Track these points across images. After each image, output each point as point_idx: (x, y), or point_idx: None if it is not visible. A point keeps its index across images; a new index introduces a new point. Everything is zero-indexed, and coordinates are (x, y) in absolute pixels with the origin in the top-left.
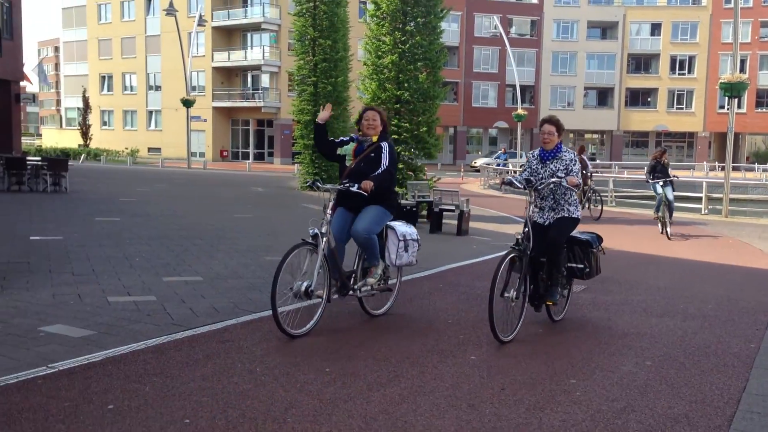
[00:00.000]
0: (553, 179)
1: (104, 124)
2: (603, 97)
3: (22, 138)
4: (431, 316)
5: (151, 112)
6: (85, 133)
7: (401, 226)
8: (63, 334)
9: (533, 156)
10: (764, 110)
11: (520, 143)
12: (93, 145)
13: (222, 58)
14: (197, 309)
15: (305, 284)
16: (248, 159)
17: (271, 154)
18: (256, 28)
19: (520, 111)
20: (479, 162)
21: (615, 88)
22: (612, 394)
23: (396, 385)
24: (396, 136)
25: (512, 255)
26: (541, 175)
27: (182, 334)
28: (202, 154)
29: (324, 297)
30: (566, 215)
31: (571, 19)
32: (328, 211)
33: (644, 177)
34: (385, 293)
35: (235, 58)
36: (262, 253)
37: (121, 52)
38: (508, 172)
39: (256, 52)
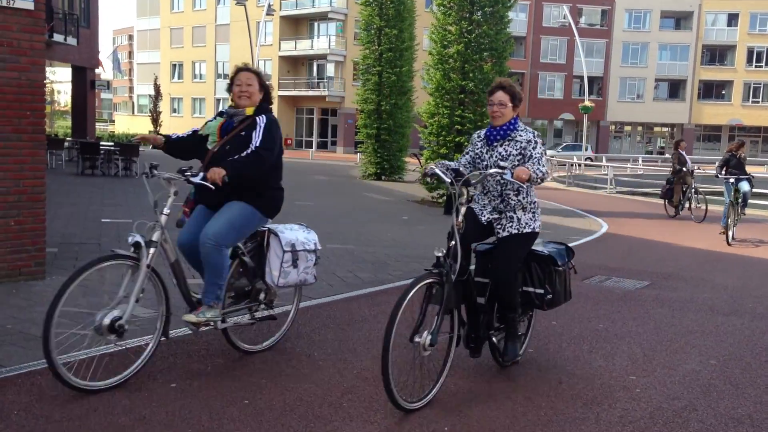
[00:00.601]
0: (492, 170)
1: (174, 111)
2: (674, 89)
3: (96, 124)
4: None
5: (219, 100)
6: (155, 120)
7: (291, 232)
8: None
9: (478, 137)
10: None
11: (586, 136)
12: (163, 131)
13: (289, 47)
14: None
15: (111, 315)
16: (312, 147)
17: (334, 143)
18: (323, 17)
19: (587, 103)
20: None
21: (687, 80)
22: (673, 392)
23: (452, 374)
24: (459, 127)
25: (428, 281)
26: (486, 163)
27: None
28: None
29: (157, 331)
30: (515, 231)
31: (643, 8)
32: (165, 210)
33: (714, 172)
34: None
35: (302, 47)
36: (323, 241)
37: (192, 40)
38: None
39: (322, 42)
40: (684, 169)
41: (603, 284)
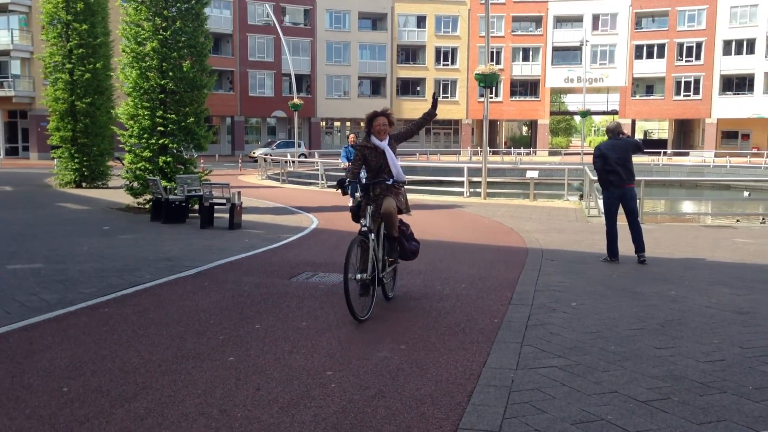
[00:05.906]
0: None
1: None
2: (376, 86)
3: None
4: (191, 317)
5: None
6: None
7: None
8: None
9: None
10: (518, 98)
11: (298, 132)
12: None
13: None
14: None
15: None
16: None
17: (26, 149)
18: (2, 9)
19: (296, 100)
20: (257, 152)
21: (387, 78)
22: (365, 381)
23: (143, 398)
24: (162, 128)
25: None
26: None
27: None
28: None
29: None
30: None
31: (342, 9)
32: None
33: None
34: None
35: None
36: (3, 262)
37: None
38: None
39: (3, 36)
40: None
41: (309, 281)
